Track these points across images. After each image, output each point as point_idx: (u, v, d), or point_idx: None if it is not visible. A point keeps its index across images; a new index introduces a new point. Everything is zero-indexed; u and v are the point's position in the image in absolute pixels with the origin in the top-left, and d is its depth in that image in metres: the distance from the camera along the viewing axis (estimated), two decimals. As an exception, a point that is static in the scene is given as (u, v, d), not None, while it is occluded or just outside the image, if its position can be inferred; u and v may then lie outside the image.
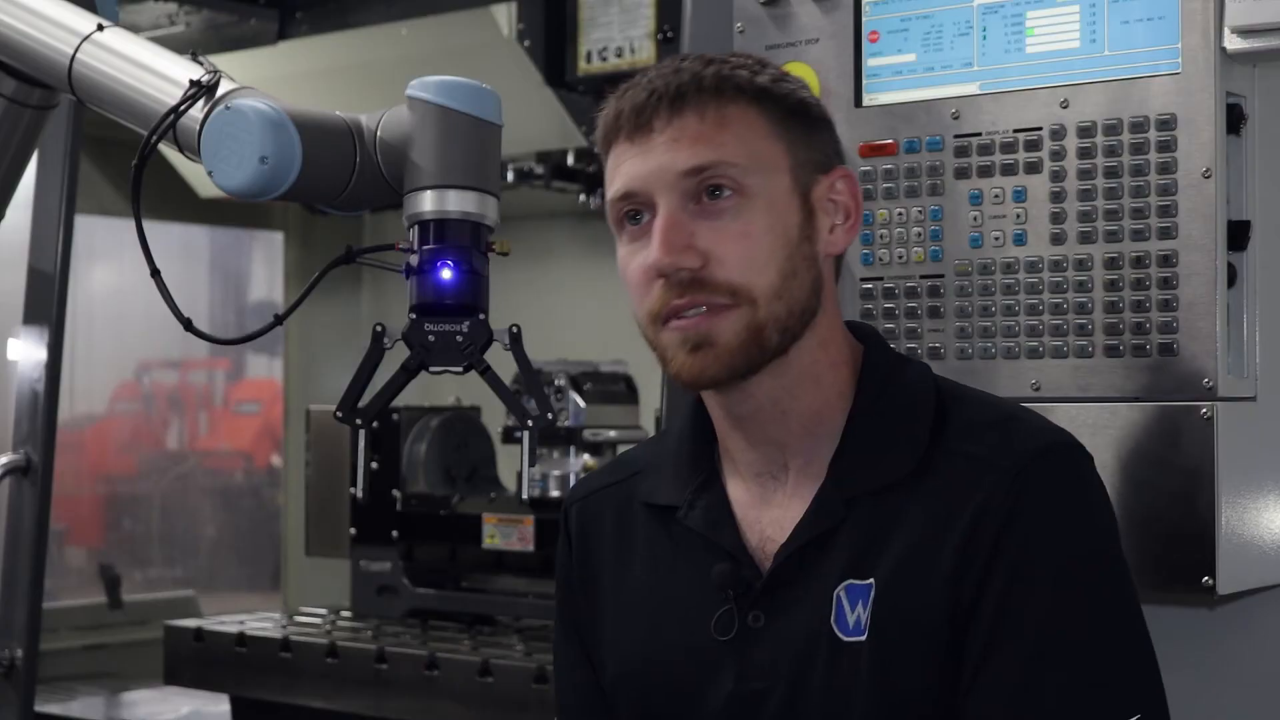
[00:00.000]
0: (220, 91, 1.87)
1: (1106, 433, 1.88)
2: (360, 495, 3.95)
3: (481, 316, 1.80)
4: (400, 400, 2.41)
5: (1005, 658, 1.55)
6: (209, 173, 1.81)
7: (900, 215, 2.03)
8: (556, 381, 3.98)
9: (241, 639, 3.90)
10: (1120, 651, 1.58)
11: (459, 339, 1.80)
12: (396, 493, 4.13)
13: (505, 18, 4.00)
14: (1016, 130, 1.96)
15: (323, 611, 4.21)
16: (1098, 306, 1.90)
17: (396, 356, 1.83)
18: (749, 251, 1.61)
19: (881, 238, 2.05)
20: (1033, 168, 1.95)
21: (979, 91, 1.99)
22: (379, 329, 1.82)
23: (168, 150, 1.95)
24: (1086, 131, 1.91)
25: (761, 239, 1.61)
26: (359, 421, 1.83)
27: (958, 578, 1.57)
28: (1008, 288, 1.96)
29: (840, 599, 1.61)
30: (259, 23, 4.29)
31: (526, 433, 1.83)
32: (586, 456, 3.99)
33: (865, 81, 2.08)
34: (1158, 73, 1.87)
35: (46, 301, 3.13)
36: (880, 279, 2.05)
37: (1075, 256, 1.92)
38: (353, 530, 4.18)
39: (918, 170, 2.02)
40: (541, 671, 3.37)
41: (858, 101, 2.07)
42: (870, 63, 2.08)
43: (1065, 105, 1.92)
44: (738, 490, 1.71)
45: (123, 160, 1.96)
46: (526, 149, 4.25)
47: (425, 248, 1.79)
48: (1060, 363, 1.93)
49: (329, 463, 4.30)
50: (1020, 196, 1.95)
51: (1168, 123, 1.86)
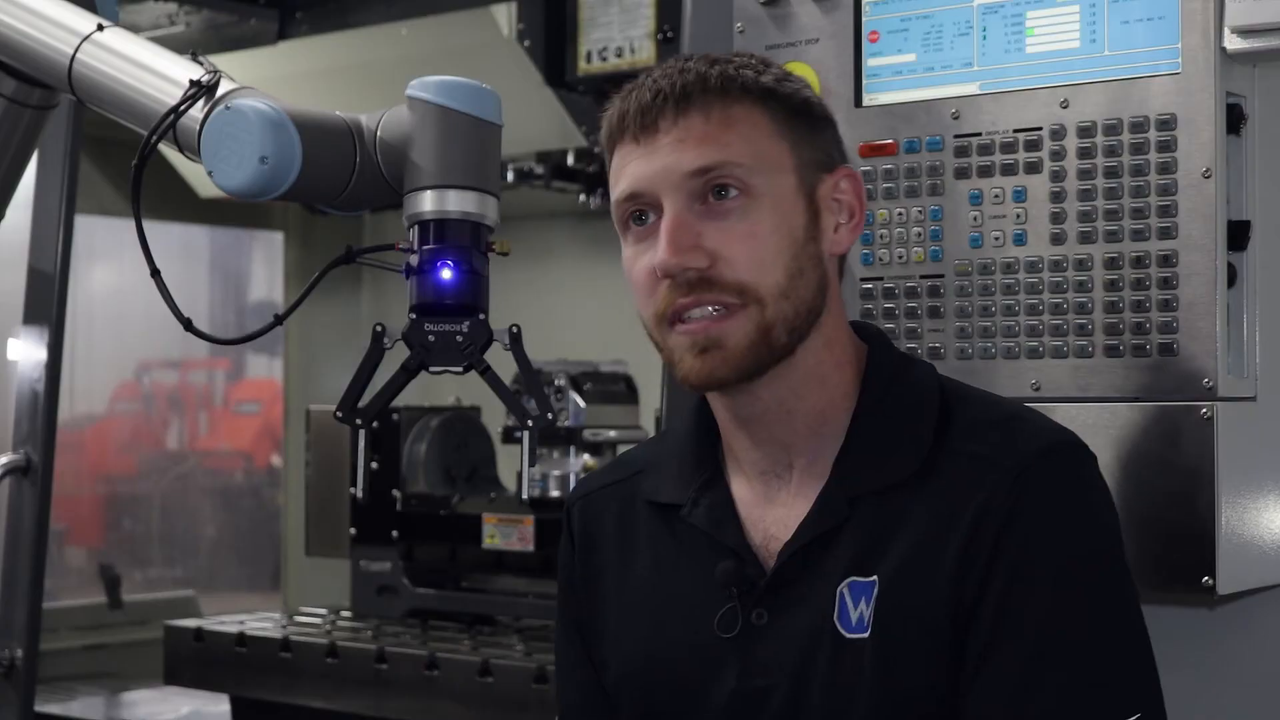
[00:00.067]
0: (220, 91, 1.87)
1: (1106, 433, 1.88)
2: (360, 495, 3.95)
3: (481, 316, 1.80)
4: (400, 400, 2.41)
5: (1005, 657, 1.55)
6: (209, 173, 1.81)
7: (900, 215, 2.03)
8: (556, 381, 3.98)
9: (241, 639, 3.90)
10: (1120, 651, 1.58)
11: (459, 339, 1.79)
12: (396, 493, 4.13)
13: (505, 18, 4.00)
14: (1016, 130, 1.96)
15: (323, 611, 4.21)
16: (1098, 306, 1.90)
17: (396, 356, 1.83)
18: (756, 251, 1.61)
19: (881, 238, 2.05)
20: (1033, 168, 1.95)
21: (979, 91, 1.99)
22: (379, 329, 1.82)
23: (168, 150, 1.94)
24: (1086, 131, 1.91)
25: (768, 239, 1.61)
26: (359, 421, 1.83)
27: (960, 576, 1.57)
28: (1008, 288, 1.96)
29: (843, 596, 1.61)
30: (259, 23, 4.29)
31: (526, 433, 1.83)
32: (586, 456, 3.99)
33: (865, 81, 2.08)
34: (1158, 73, 1.87)
35: (46, 301, 3.13)
36: (880, 279, 2.05)
37: (1075, 256, 1.92)
38: (353, 530, 4.18)
39: (918, 170, 2.02)
40: (541, 671, 3.37)
41: (858, 101, 2.07)
42: (870, 63, 2.08)
43: (1065, 105, 1.92)
44: (742, 489, 1.71)
45: (123, 160, 1.95)
46: (526, 149, 4.25)
47: (425, 248, 1.79)
48: (1060, 363, 1.93)
49: (329, 463, 4.29)
50: (1020, 196, 1.95)
51: (1168, 123, 1.86)
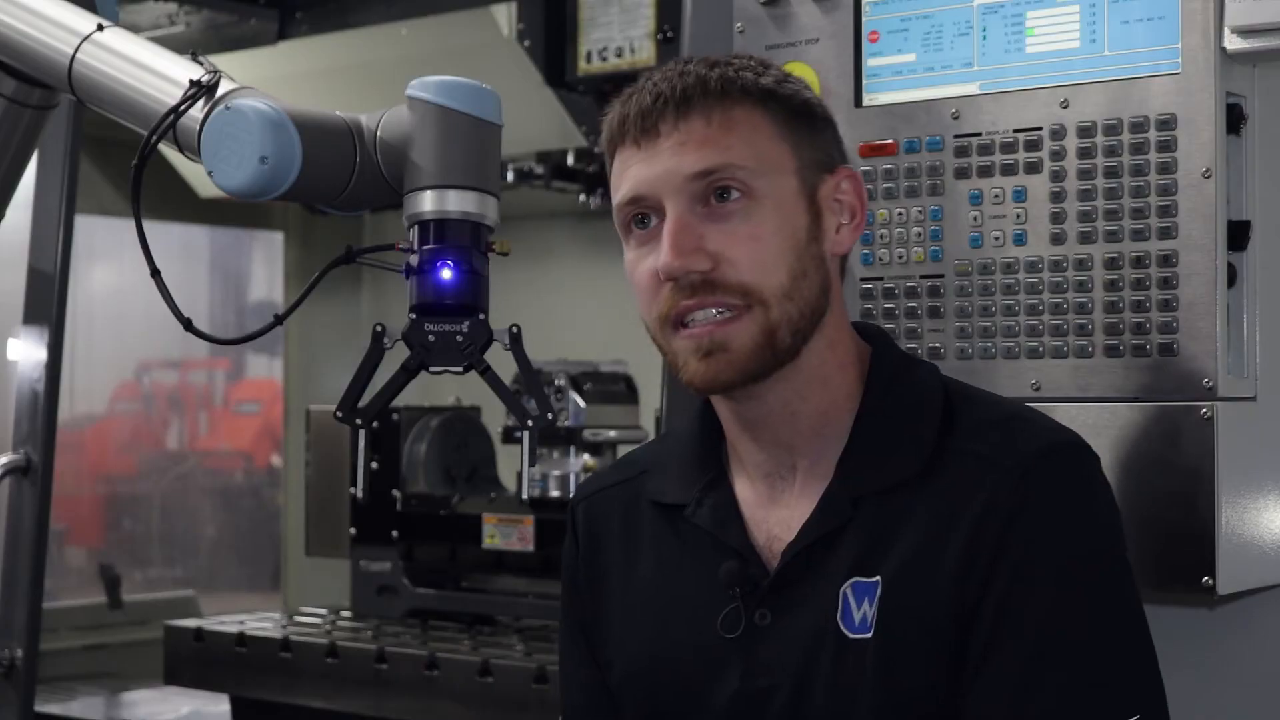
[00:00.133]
0: (220, 91, 1.87)
1: (1106, 433, 1.88)
2: (360, 495, 3.95)
3: (481, 316, 1.80)
4: (400, 400, 2.41)
5: (1006, 657, 1.55)
6: (209, 173, 1.81)
7: (900, 215, 2.03)
8: (556, 381, 3.98)
9: (241, 639, 3.90)
10: (1121, 652, 1.58)
11: (459, 339, 1.79)
12: (396, 493, 4.13)
13: (505, 18, 4.00)
14: (1016, 130, 1.96)
15: (323, 611, 4.21)
16: (1098, 306, 1.90)
17: (396, 356, 1.83)
18: (759, 253, 1.61)
19: (881, 238, 2.05)
20: (1033, 168, 1.95)
21: (979, 91, 1.99)
22: (379, 329, 1.82)
23: (168, 150, 1.94)
24: (1086, 131, 1.91)
25: (771, 240, 1.61)
26: (359, 421, 1.83)
27: (963, 577, 1.57)
28: (1008, 288, 1.96)
29: (846, 596, 1.61)
30: (259, 23, 4.29)
31: (526, 433, 1.83)
32: (586, 456, 3.99)
33: (865, 81, 2.08)
34: (1158, 73, 1.87)
35: (46, 301, 3.13)
36: (880, 279, 2.05)
37: (1075, 256, 1.91)
38: (353, 530, 4.18)
39: (918, 170, 2.02)
40: (542, 671, 3.37)
41: (858, 101, 2.07)
42: (870, 63, 2.08)
43: (1065, 105, 1.92)
44: (745, 490, 1.71)
45: (123, 160, 1.95)
46: (526, 149, 4.25)
47: (425, 248, 1.79)
48: (1060, 363, 1.93)
49: (329, 463, 4.29)
50: (1020, 196, 1.95)
51: (1168, 123, 1.86)
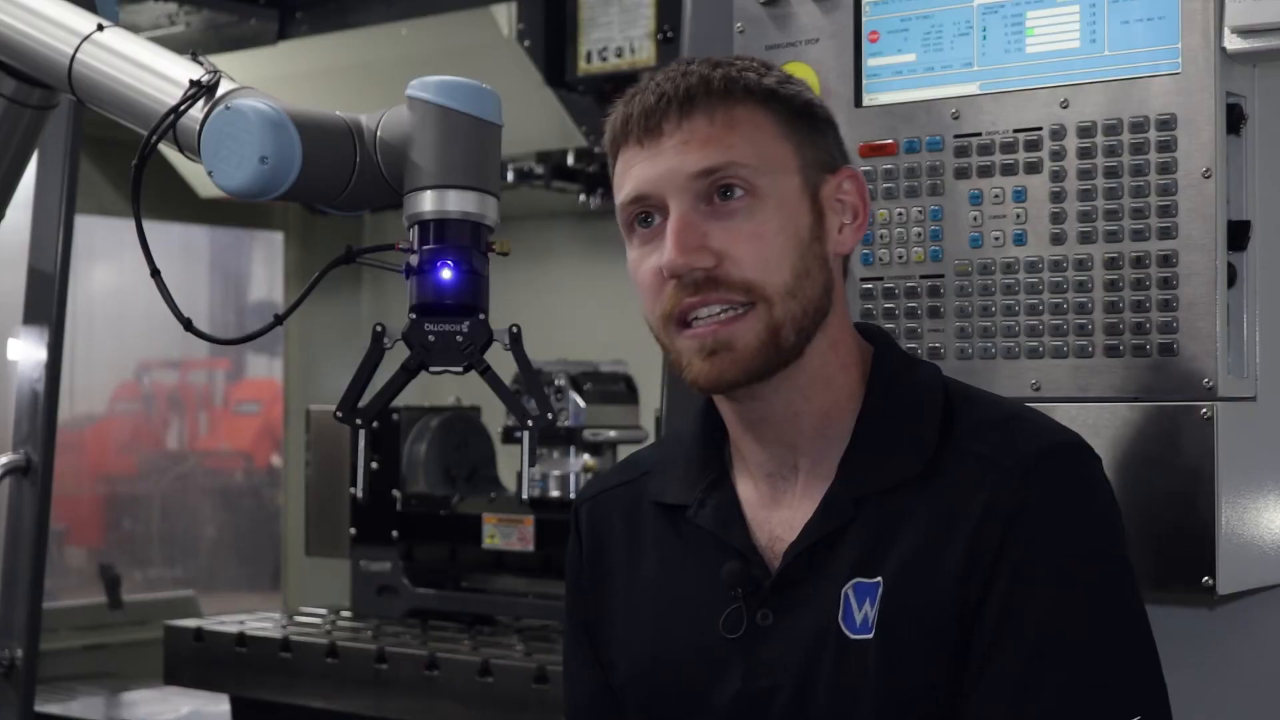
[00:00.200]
0: (220, 91, 1.87)
1: (1106, 433, 1.88)
2: (360, 495, 3.95)
3: (481, 316, 1.80)
4: (400, 400, 2.41)
5: (1007, 657, 1.55)
6: (209, 173, 1.81)
7: (900, 215, 2.03)
8: (556, 381, 3.98)
9: (241, 639, 3.90)
10: (1122, 652, 1.58)
11: (459, 339, 1.79)
12: (396, 493, 4.13)
13: (505, 18, 4.00)
14: (1016, 130, 1.96)
15: (323, 611, 4.21)
16: (1098, 306, 1.90)
17: (396, 356, 1.83)
18: (762, 251, 1.61)
19: (881, 238, 2.05)
20: (1033, 168, 1.95)
21: (979, 91, 1.99)
22: (379, 329, 1.82)
23: (168, 150, 1.94)
24: (1086, 131, 1.91)
25: (774, 238, 1.62)
26: (359, 421, 1.83)
27: (964, 577, 1.57)
28: (1008, 288, 1.96)
29: (848, 597, 1.61)
30: (259, 23, 4.29)
31: (526, 433, 1.83)
32: (586, 456, 3.99)
33: (865, 81, 2.08)
34: (1158, 73, 1.87)
35: (46, 301, 3.13)
36: (880, 279, 2.05)
37: (1075, 256, 1.91)
38: (353, 530, 4.18)
39: (918, 170, 2.02)
40: (542, 671, 3.37)
41: (858, 101, 2.07)
42: (870, 63, 2.08)
43: (1065, 105, 1.92)
44: (748, 490, 1.71)
45: (123, 160, 1.95)
46: (526, 149, 4.25)
47: (425, 248, 1.79)
48: (1060, 363, 1.93)
49: (329, 463, 4.29)
50: (1020, 196, 1.95)
51: (1168, 123, 1.86)
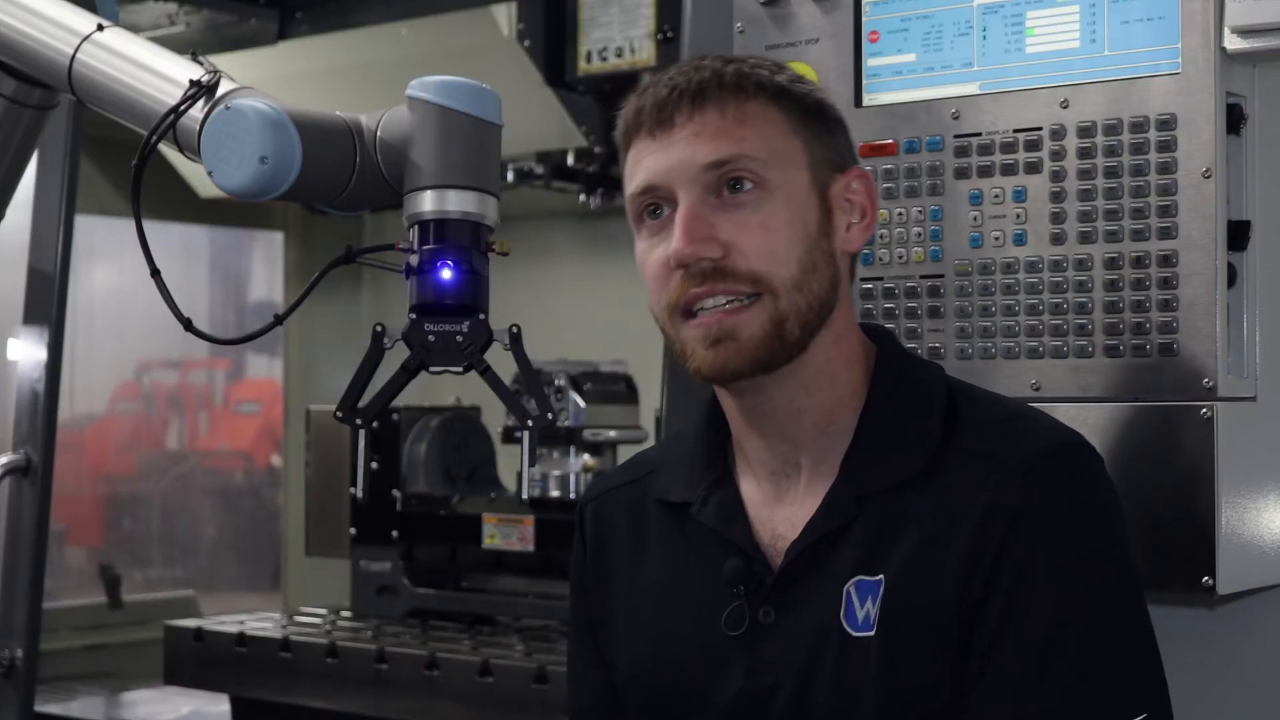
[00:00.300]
0: (220, 91, 1.87)
1: (1106, 433, 1.88)
2: (360, 495, 3.96)
3: (481, 316, 1.80)
4: (400, 400, 2.41)
5: (1008, 656, 1.56)
6: (209, 173, 1.81)
7: (900, 215, 2.03)
8: (556, 381, 3.98)
9: (241, 639, 3.90)
10: (1124, 651, 1.58)
11: (459, 339, 1.79)
12: (396, 493, 4.13)
13: (505, 18, 4.00)
14: (1016, 130, 1.96)
15: (323, 611, 4.21)
16: (1098, 306, 1.90)
17: (396, 356, 1.83)
18: (770, 243, 1.62)
19: (881, 238, 2.05)
20: (1033, 168, 1.95)
21: (979, 91, 1.99)
22: (379, 329, 1.82)
23: (168, 150, 1.94)
24: (1086, 131, 1.91)
25: (782, 231, 1.62)
26: (359, 421, 1.83)
27: (966, 576, 1.57)
28: (1008, 288, 1.96)
29: (850, 594, 1.62)
30: (259, 23, 4.29)
31: (526, 433, 1.83)
32: (586, 456, 4.00)
33: (865, 81, 2.08)
34: (1158, 73, 1.87)
35: (46, 301, 3.12)
36: (880, 279, 2.05)
37: (1075, 256, 1.91)
38: (353, 530, 4.18)
39: (918, 170, 2.02)
40: (542, 671, 3.37)
41: (858, 101, 2.07)
42: (870, 63, 2.08)
43: (1065, 105, 1.92)
44: (751, 488, 1.72)
45: (123, 160, 1.95)
46: (526, 149, 4.25)
47: (425, 248, 1.79)
48: (1060, 363, 1.93)
49: (329, 463, 4.29)
50: (1020, 196, 1.95)
51: (1168, 123, 1.86)
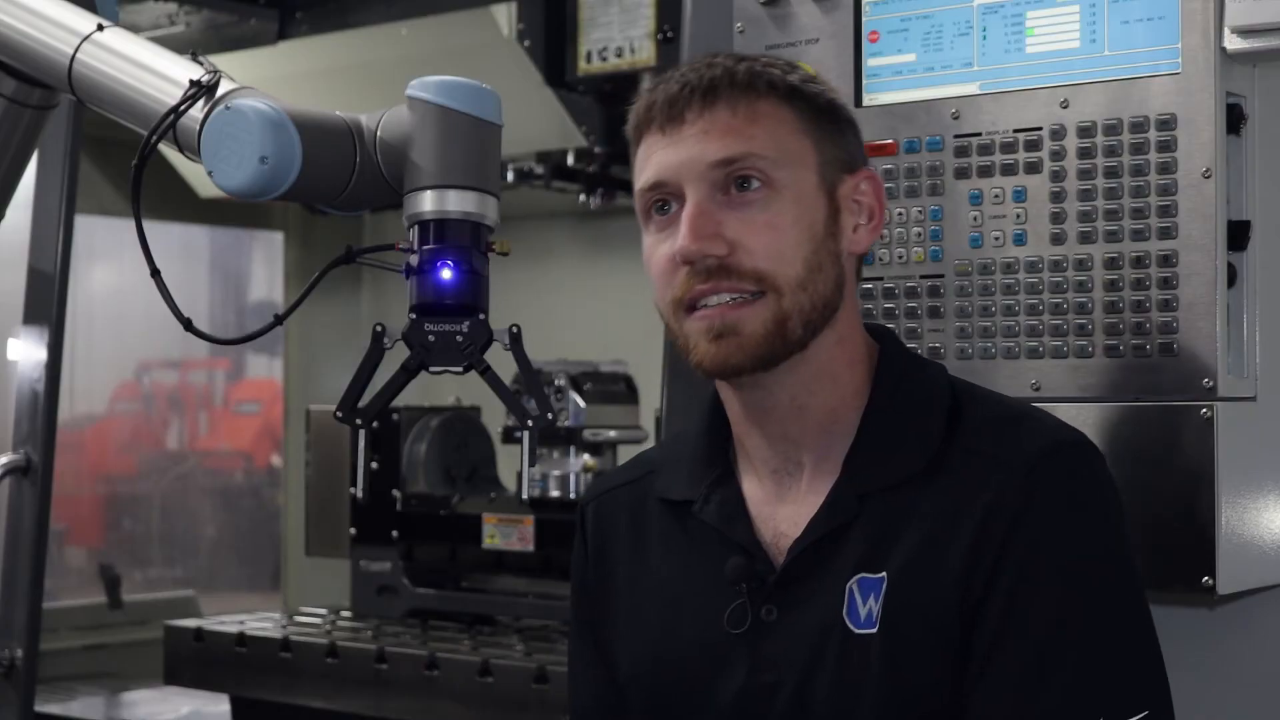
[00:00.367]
0: (220, 91, 1.87)
1: (1106, 433, 1.88)
2: (360, 495, 3.96)
3: (481, 316, 1.80)
4: (400, 400, 2.41)
5: (1010, 655, 1.56)
6: (209, 173, 1.81)
7: (900, 215, 2.03)
8: (556, 381, 3.98)
9: (241, 639, 3.90)
10: (1125, 650, 1.58)
11: (459, 339, 1.79)
12: (396, 493, 4.13)
13: (505, 18, 4.00)
14: (1016, 130, 1.96)
15: (323, 611, 4.21)
16: (1098, 306, 1.90)
17: (396, 356, 1.83)
18: (776, 242, 1.62)
19: (881, 238, 2.04)
20: (1033, 168, 1.95)
21: (979, 91, 1.99)
22: (379, 329, 1.82)
23: (168, 150, 1.94)
24: (1086, 131, 1.91)
25: (788, 231, 1.63)
26: (359, 421, 1.83)
27: (967, 575, 1.58)
28: (1008, 288, 1.96)
29: (852, 591, 1.62)
30: (259, 23, 4.29)
31: (526, 433, 1.83)
32: (586, 456, 4.00)
33: (865, 81, 2.08)
34: (1158, 73, 1.87)
35: (46, 301, 3.12)
36: (880, 279, 2.05)
37: (1075, 256, 1.91)
38: (353, 530, 4.18)
39: (918, 170, 2.02)
40: (542, 671, 3.37)
41: (858, 101, 2.07)
42: (870, 63, 2.08)
43: (1065, 105, 1.92)
44: (752, 488, 1.72)
45: (123, 160, 1.95)
46: (526, 149, 4.25)
47: (425, 248, 1.79)
48: (1060, 363, 1.93)
49: (329, 463, 4.29)
50: (1020, 196, 1.95)
51: (1168, 123, 1.86)
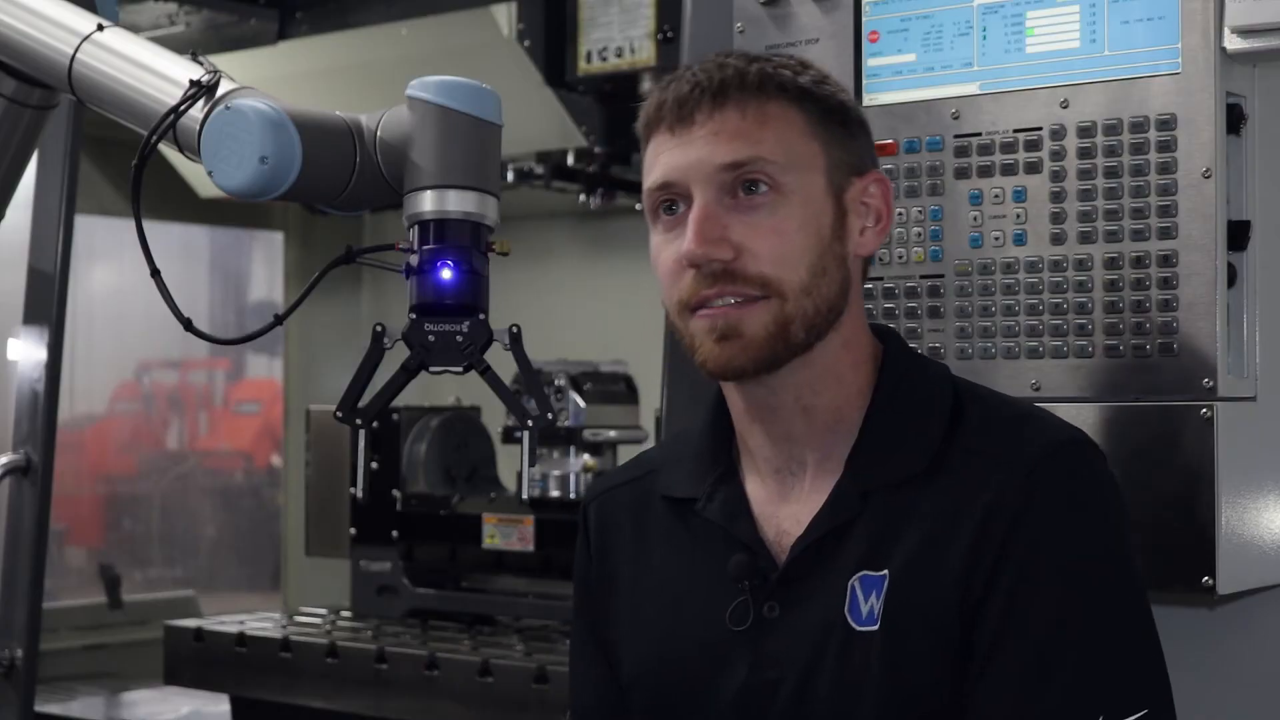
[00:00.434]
0: (220, 91, 1.87)
1: (1106, 433, 1.88)
2: (360, 495, 3.96)
3: (481, 316, 1.80)
4: (400, 400, 2.41)
5: (1010, 655, 1.56)
6: (209, 173, 1.81)
7: (900, 215, 2.03)
8: (556, 381, 3.99)
9: (241, 639, 3.90)
10: (1125, 649, 1.58)
11: (459, 339, 1.80)
12: (396, 493, 4.13)
13: (505, 18, 4.00)
14: (1016, 130, 1.96)
15: (323, 611, 4.21)
16: (1098, 306, 1.90)
17: (396, 356, 1.83)
18: (781, 247, 1.62)
19: (881, 238, 2.04)
20: (1033, 168, 1.95)
21: (979, 91, 1.99)
22: (379, 329, 1.82)
23: (168, 150, 1.94)
24: (1086, 131, 1.91)
25: (794, 236, 1.63)
26: (359, 421, 1.83)
27: (968, 574, 1.58)
28: (1008, 288, 1.96)
29: (854, 589, 1.62)
30: (259, 23, 4.29)
31: (526, 433, 1.83)
32: (586, 456, 4.00)
33: (865, 81, 2.08)
34: (1158, 73, 1.87)
35: (46, 301, 3.12)
36: (880, 279, 2.05)
37: (1075, 256, 1.92)
38: (353, 530, 4.18)
39: (918, 170, 2.02)
40: (542, 671, 3.37)
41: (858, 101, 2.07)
42: (870, 63, 2.08)
43: (1065, 105, 1.92)
44: (755, 486, 1.72)
45: (123, 160, 1.95)
46: (526, 149, 4.25)
47: (425, 248, 1.79)
48: (1060, 363, 1.93)
49: (329, 463, 4.29)
50: (1020, 196, 1.95)
51: (1168, 123, 1.86)
